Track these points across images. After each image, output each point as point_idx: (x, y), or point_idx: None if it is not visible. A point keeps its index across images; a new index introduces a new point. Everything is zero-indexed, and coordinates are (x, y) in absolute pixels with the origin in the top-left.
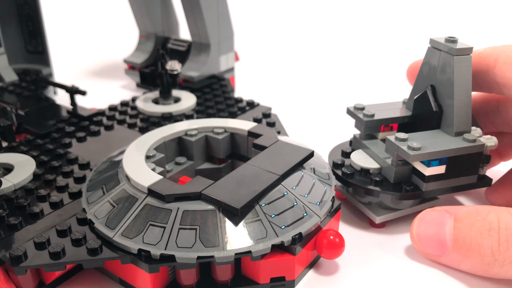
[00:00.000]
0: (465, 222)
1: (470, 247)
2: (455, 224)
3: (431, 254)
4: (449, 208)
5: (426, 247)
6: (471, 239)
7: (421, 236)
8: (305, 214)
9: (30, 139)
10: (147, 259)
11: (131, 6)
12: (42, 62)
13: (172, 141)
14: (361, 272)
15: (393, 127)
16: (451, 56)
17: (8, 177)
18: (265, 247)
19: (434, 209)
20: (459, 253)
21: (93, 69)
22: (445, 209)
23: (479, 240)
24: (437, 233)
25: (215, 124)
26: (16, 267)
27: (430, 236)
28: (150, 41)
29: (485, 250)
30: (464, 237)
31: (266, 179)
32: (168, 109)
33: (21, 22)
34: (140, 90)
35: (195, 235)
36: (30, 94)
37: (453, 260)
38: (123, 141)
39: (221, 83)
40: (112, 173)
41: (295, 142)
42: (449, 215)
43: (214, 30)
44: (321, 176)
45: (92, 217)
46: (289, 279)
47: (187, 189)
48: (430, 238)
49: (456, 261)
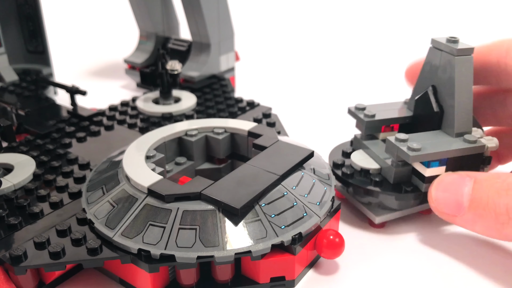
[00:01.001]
0: (484, 184)
1: (486, 206)
2: (475, 185)
3: (447, 214)
4: (469, 173)
5: (443, 207)
6: (488, 198)
7: (439, 197)
8: (305, 214)
9: (30, 139)
10: (147, 259)
11: (131, 6)
12: (42, 62)
13: (172, 141)
14: (361, 272)
15: (394, 128)
16: (452, 56)
17: (8, 177)
18: (265, 247)
19: (454, 172)
20: (475, 212)
21: (93, 69)
22: (466, 173)
23: (496, 199)
24: (456, 194)
25: (215, 124)
26: (16, 267)
27: (448, 196)
28: (151, 41)
29: (500, 209)
30: (481, 197)
31: (266, 179)
32: (168, 109)
33: (21, 22)
34: (140, 90)
35: (195, 235)
36: (30, 94)
37: (468, 220)
38: (123, 141)
39: (221, 83)
40: (112, 173)
41: (295, 142)
42: (469, 178)
43: (214, 30)
44: (321, 176)
45: (92, 217)
46: (289, 279)
47: (187, 189)
48: (448, 198)
49: (471, 222)
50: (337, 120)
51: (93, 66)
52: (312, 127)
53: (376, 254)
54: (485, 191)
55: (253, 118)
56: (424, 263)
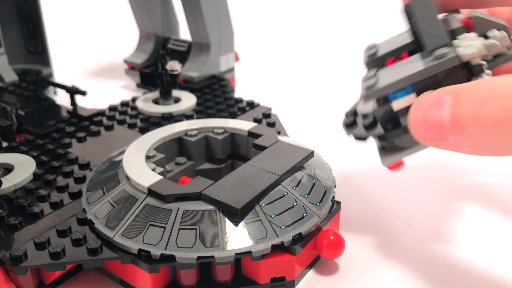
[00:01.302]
0: (464, 97)
1: (470, 122)
2: (454, 101)
3: (431, 139)
4: (450, 87)
5: (425, 132)
6: (470, 112)
7: (419, 121)
8: (305, 214)
9: (30, 139)
10: (147, 259)
11: (131, 6)
12: (42, 62)
13: (172, 141)
14: (361, 272)
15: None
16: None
17: (8, 177)
18: (265, 247)
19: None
20: (458, 132)
21: (93, 69)
22: (446, 88)
23: (480, 111)
24: (435, 115)
25: (215, 124)
26: (16, 267)
27: (428, 119)
28: (150, 41)
29: (486, 121)
30: (463, 112)
31: (266, 179)
32: (168, 109)
33: (21, 22)
34: (140, 90)
35: (195, 235)
36: (30, 94)
37: (453, 142)
38: (123, 141)
39: (221, 83)
40: (112, 173)
41: (295, 142)
42: (448, 94)
43: (214, 30)
44: (321, 176)
45: (92, 217)
46: (289, 279)
47: (187, 189)
48: (428, 121)
49: (456, 143)
50: (337, 120)
51: (93, 66)
52: (312, 127)
53: (377, 254)
54: (466, 104)
55: (253, 118)
56: (425, 263)
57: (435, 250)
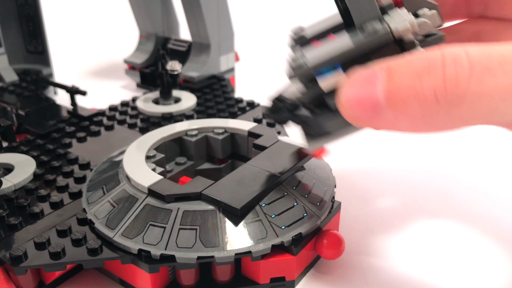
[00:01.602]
0: (399, 70)
1: (407, 96)
2: (389, 76)
3: (365, 119)
4: (382, 62)
5: (356, 111)
6: (407, 87)
7: (351, 100)
8: (305, 214)
9: (30, 139)
10: (147, 259)
11: (131, 6)
12: (42, 62)
13: (172, 141)
14: (361, 272)
15: None
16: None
17: (8, 177)
18: (265, 247)
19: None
20: (395, 108)
21: (93, 69)
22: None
23: (417, 84)
24: (368, 93)
25: (215, 124)
26: (16, 267)
27: (360, 98)
28: (150, 41)
29: (425, 94)
30: (399, 87)
31: (266, 179)
32: (168, 109)
33: (21, 22)
34: (141, 90)
35: (195, 235)
36: (30, 94)
37: (389, 120)
38: (123, 141)
39: (221, 83)
40: (112, 173)
41: (295, 142)
42: (381, 69)
43: (214, 30)
44: (321, 177)
45: (92, 217)
46: (289, 279)
47: (187, 189)
48: (361, 100)
49: (393, 121)
50: None
51: (93, 66)
52: None
53: (377, 254)
54: (401, 78)
55: (253, 118)
56: (424, 263)
57: (435, 250)
